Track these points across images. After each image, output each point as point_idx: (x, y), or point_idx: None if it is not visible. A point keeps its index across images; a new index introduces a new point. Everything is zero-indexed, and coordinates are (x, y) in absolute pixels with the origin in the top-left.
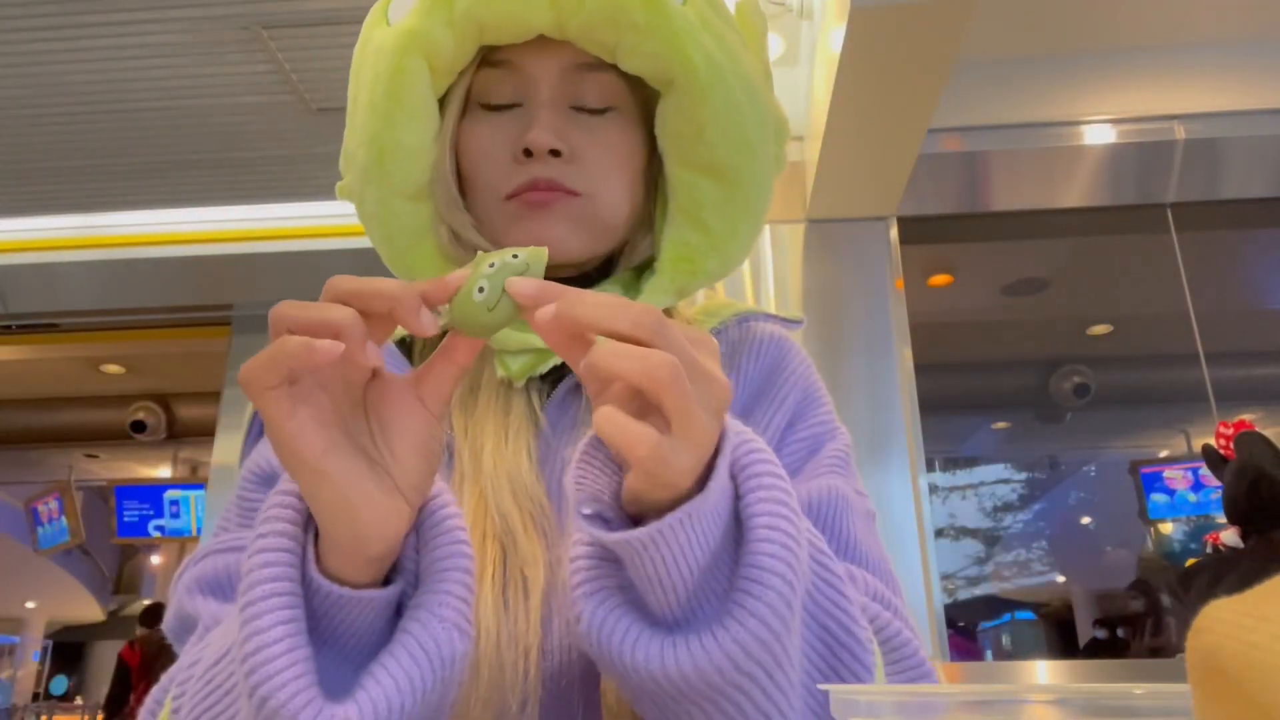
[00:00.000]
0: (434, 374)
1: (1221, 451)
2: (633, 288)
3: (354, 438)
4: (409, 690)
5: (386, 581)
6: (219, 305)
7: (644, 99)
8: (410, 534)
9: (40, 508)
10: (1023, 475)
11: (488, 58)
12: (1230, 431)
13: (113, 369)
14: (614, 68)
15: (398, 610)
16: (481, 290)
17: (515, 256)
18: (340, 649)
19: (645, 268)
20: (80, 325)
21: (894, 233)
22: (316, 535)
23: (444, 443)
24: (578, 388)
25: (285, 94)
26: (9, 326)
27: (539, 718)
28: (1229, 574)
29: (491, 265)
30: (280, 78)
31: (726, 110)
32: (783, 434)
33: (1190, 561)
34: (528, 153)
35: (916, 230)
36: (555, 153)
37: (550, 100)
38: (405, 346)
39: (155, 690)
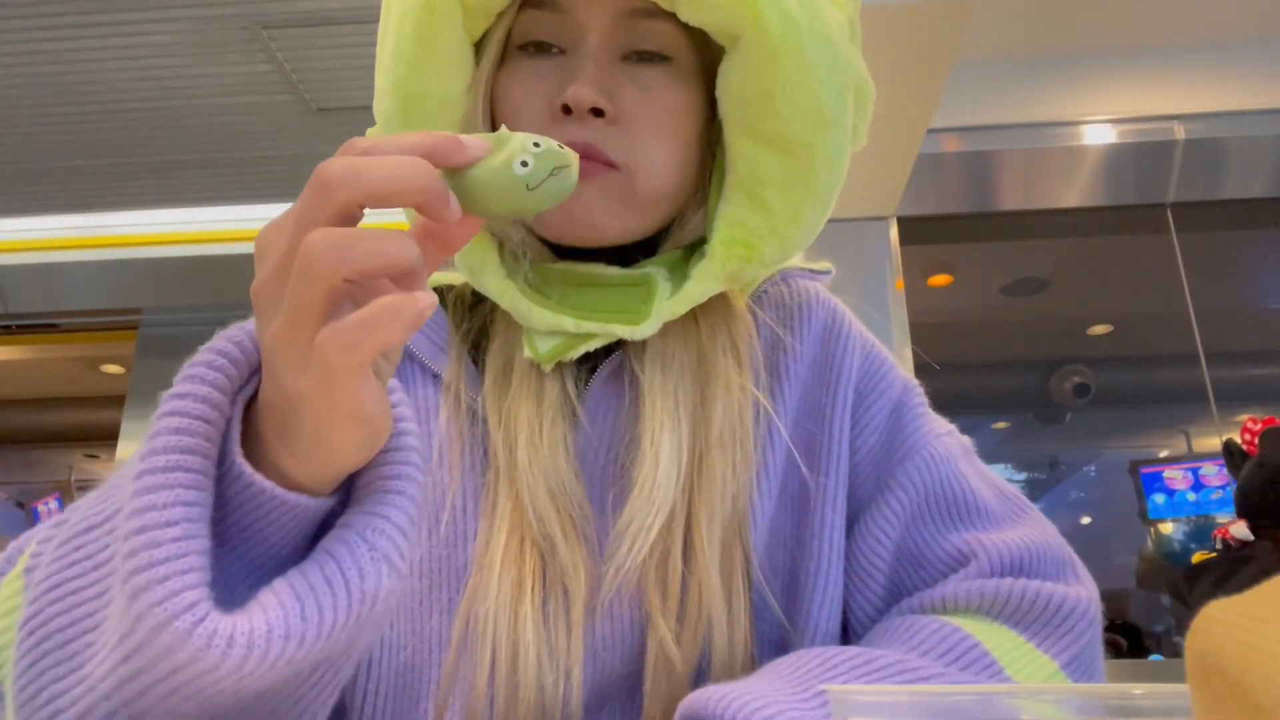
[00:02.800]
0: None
1: (1245, 447)
2: (679, 270)
3: None
4: (315, 620)
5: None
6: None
7: (705, 53)
8: None
9: (40, 508)
10: (1023, 475)
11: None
12: (1258, 427)
13: (113, 369)
14: (673, 15)
15: (324, 523)
16: (525, 165)
17: (561, 147)
18: (246, 552)
19: (696, 246)
20: (80, 325)
21: (894, 233)
22: (251, 402)
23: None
24: (615, 375)
25: (285, 94)
26: (9, 326)
27: None
28: (1236, 573)
29: (536, 145)
30: (280, 78)
31: (800, 76)
32: (853, 409)
33: (1198, 557)
34: (567, 109)
35: (916, 230)
36: (598, 112)
37: (598, 50)
38: (438, 292)
39: (11, 546)
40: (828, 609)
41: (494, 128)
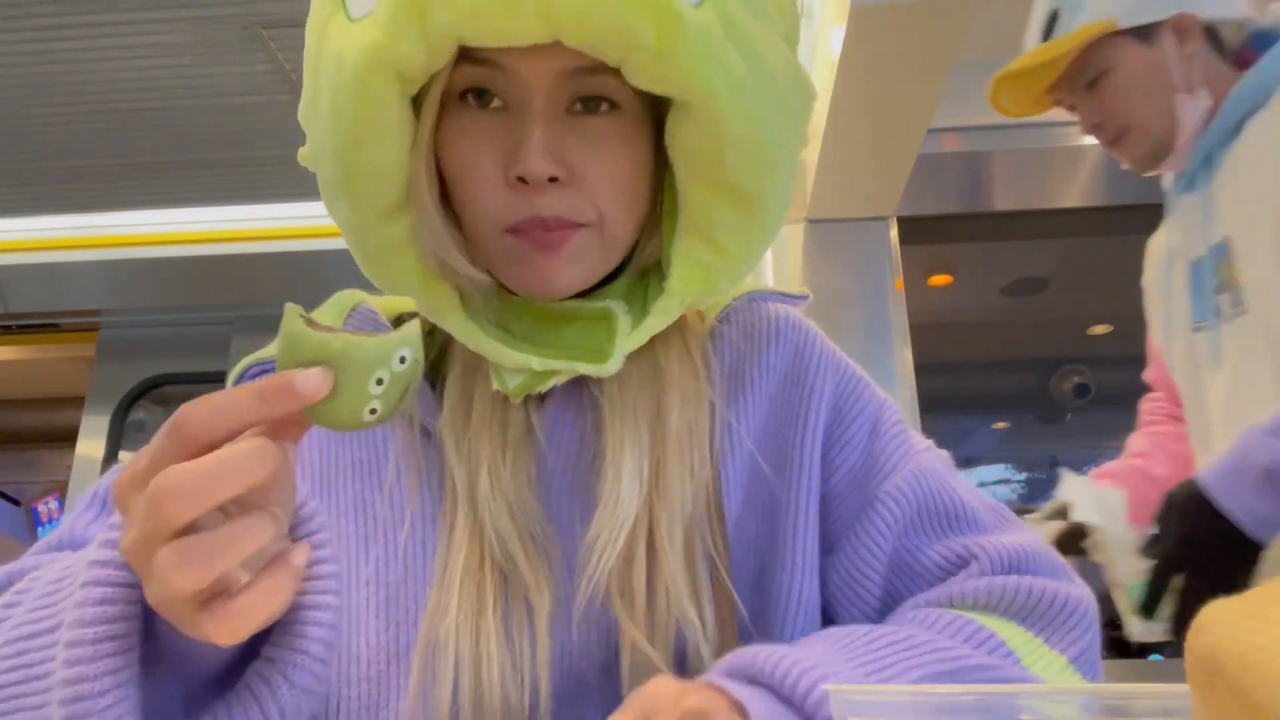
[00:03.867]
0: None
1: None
2: (637, 297)
3: None
4: None
5: None
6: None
7: (651, 99)
8: None
9: (40, 508)
10: (1023, 475)
11: (468, 54)
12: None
13: None
14: (616, 71)
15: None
16: (374, 412)
17: (403, 360)
18: (179, 672)
19: (649, 270)
20: (80, 325)
21: (894, 233)
22: None
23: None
24: (570, 391)
25: (285, 94)
26: (9, 326)
27: None
28: None
29: (379, 381)
30: (280, 78)
31: (750, 133)
32: (830, 426)
33: None
34: (522, 179)
35: (916, 230)
36: (553, 178)
37: (544, 110)
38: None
39: None
40: (802, 621)
41: (444, 186)
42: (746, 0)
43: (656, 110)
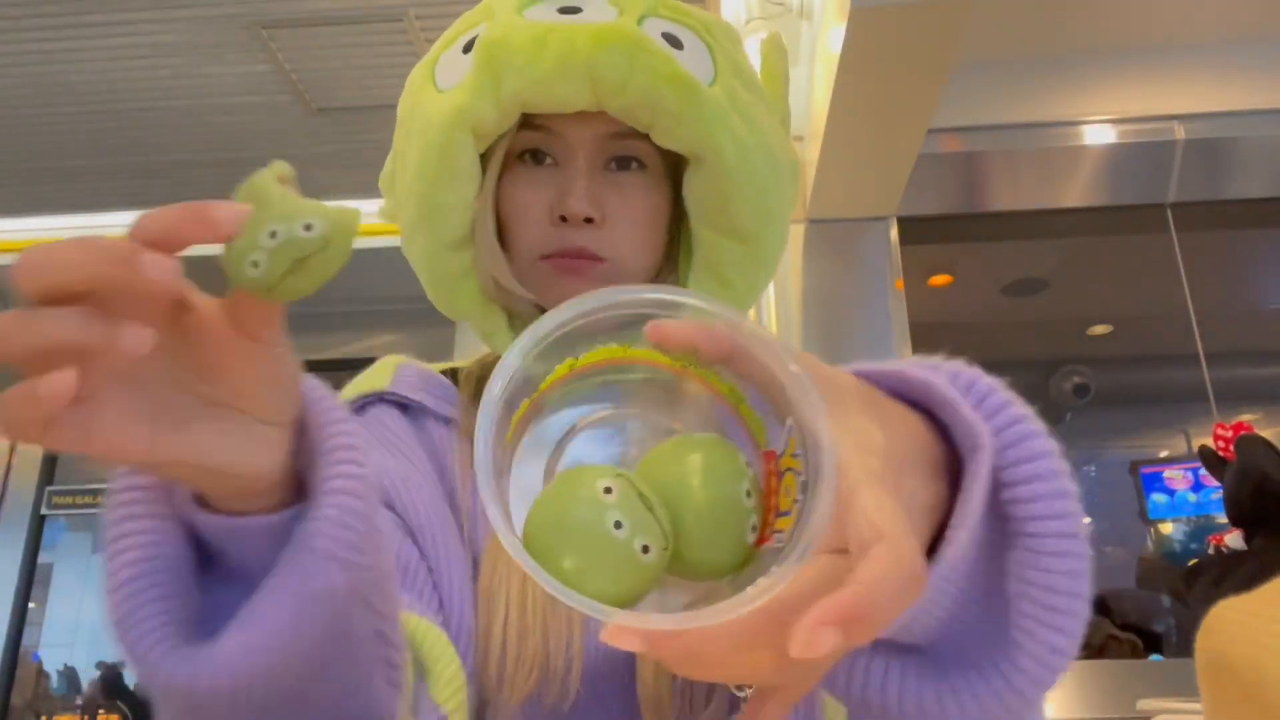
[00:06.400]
0: (239, 301)
1: (1220, 453)
2: None
3: (184, 398)
4: (275, 630)
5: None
6: None
7: (671, 158)
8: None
9: None
10: None
11: (528, 120)
12: (1229, 434)
13: None
14: (646, 136)
15: None
16: (256, 265)
17: (309, 228)
18: (252, 581)
19: None
20: None
21: (894, 233)
22: None
23: (286, 356)
24: None
25: (285, 94)
26: None
27: (581, 688)
28: (1232, 573)
29: (273, 235)
30: (280, 78)
31: (750, 185)
32: None
33: (1193, 562)
34: (564, 218)
35: (916, 230)
36: (588, 219)
37: (585, 166)
38: (452, 375)
39: None
40: None
41: (500, 227)
42: (747, 85)
43: (675, 170)
